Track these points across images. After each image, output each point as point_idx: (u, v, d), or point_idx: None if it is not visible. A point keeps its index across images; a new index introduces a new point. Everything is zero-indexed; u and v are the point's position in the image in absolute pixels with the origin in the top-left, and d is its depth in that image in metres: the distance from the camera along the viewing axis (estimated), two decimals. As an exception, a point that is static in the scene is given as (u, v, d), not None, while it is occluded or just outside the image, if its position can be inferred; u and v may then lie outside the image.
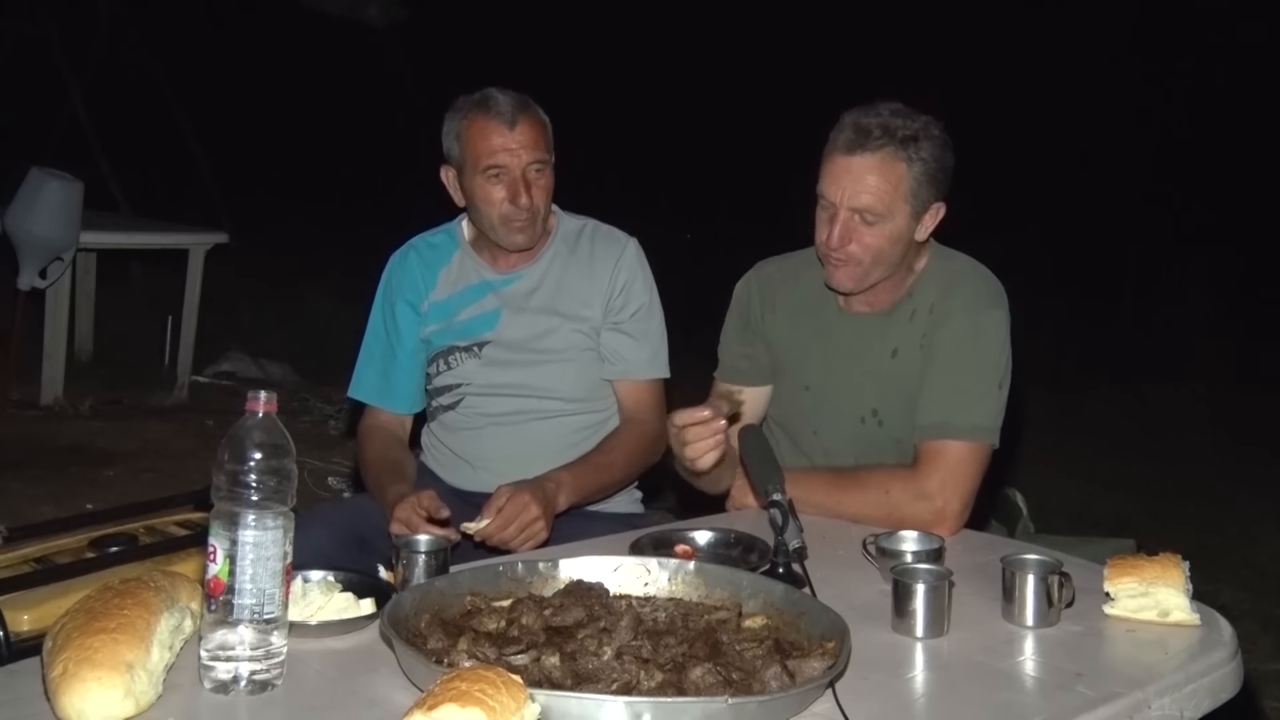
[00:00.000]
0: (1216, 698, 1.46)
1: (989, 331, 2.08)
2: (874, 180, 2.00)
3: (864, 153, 2.00)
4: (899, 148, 2.00)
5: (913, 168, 2.01)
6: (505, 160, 2.24)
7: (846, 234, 2.03)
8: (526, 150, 2.24)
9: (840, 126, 2.04)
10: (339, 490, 4.62)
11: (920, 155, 2.01)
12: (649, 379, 2.41)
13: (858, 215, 2.02)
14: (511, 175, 2.25)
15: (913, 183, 2.02)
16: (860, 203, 2.01)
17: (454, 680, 1.08)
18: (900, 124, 2.01)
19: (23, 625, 1.80)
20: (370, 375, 2.45)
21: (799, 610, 1.46)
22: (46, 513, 3.73)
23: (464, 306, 2.40)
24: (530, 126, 2.26)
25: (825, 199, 2.05)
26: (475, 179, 2.27)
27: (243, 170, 9.92)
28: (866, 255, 2.05)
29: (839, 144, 2.02)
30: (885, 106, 2.04)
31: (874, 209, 2.01)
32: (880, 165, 2.00)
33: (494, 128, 2.24)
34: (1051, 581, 1.56)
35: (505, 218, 2.28)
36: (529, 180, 2.26)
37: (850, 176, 2.01)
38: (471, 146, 2.26)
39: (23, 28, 8.25)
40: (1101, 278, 10.68)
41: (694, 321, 2.37)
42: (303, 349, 6.76)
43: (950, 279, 2.13)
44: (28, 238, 5.09)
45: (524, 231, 2.30)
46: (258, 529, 1.27)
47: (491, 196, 2.27)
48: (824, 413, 2.20)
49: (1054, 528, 4.25)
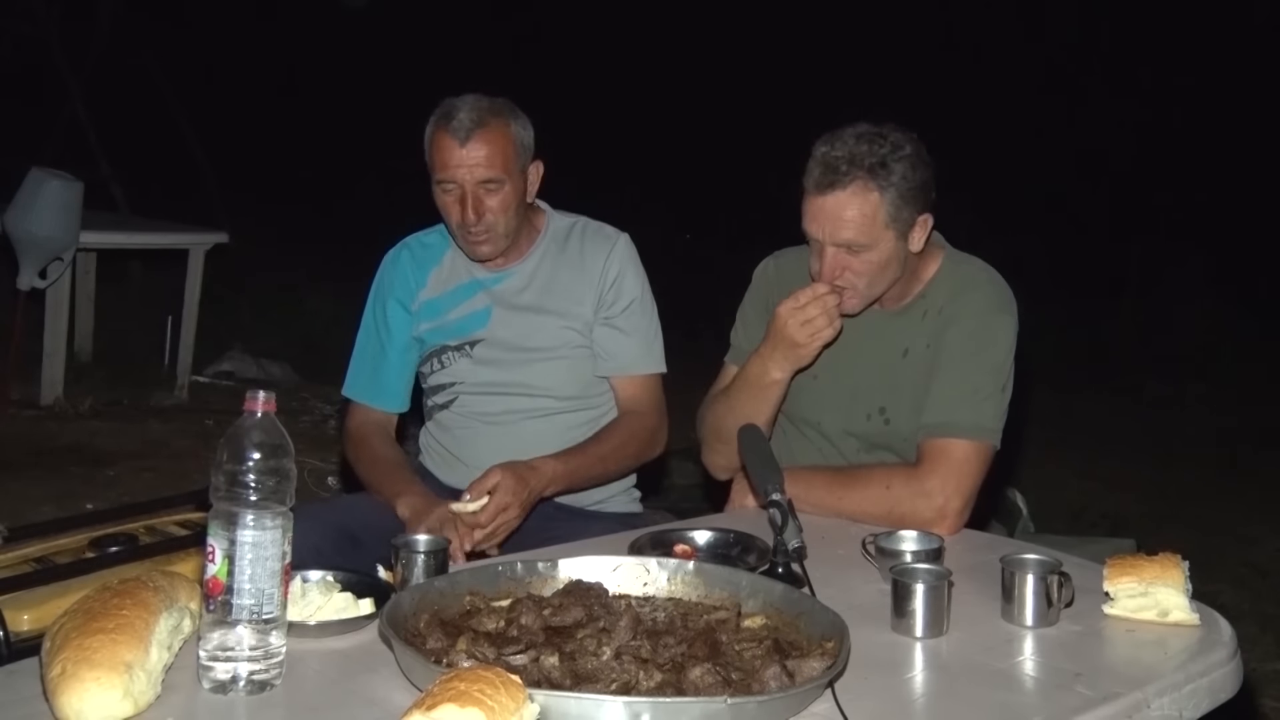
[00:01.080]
0: (1216, 697, 1.46)
1: (996, 335, 2.09)
2: (850, 214, 2.01)
3: (835, 190, 2.00)
4: (869, 177, 2.00)
5: (886, 194, 2.01)
6: (456, 176, 2.23)
7: (837, 266, 2.05)
8: (479, 168, 2.22)
9: (810, 163, 2.04)
10: (338, 490, 4.62)
11: (891, 181, 2.01)
12: (644, 374, 2.40)
13: (843, 249, 2.04)
14: (461, 192, 2.24)
15: (890, 208, 2.02)
16: (842, 238, 2.03)
17: (453, 680, 1.08)
18: (866, 150, 2.00)
19: (23, 625, 1.80)
20: (361, 373, 2.46)
21: (798, 610, 1.46)
22: (46, 513, 3.73)
23: (455, 305, 2.40)
24: (486, 143, 2.22)
25: (809, 235, 2.08)
26: (435, 189, 2.29)
27: (242, 170, 9.92)
28: (861, 280, 2.07)
29: (811, 183, 2.04)
30: (850, 133, 2.04)
31: (857, 241, 2.02)
32: (853, 199, 2.00)
33: (447, 143, 2.22)
34: (1051, 581, 1.56)
35: (460, 230, 2.29)
36: (479, 197, 2.24)
37: (826, 215, 2.02)
38: (431, 158, 2.27)
39: (23, 28, 8.25)
40: (1102, 278, 10.68)
41: (694, 322, 2.37)
42: (302, 349, 6.76)
43: (962, 282, 2.14)
44: (28, 238, 5.08)
45: (481, 244, 2.30)
46: (256, 529, 1.27)
47: (448, 209, 2.28)
48: (831, 405, 2.21)
49: (1053, 527, 4.25)
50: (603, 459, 2.31)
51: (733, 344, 2.35)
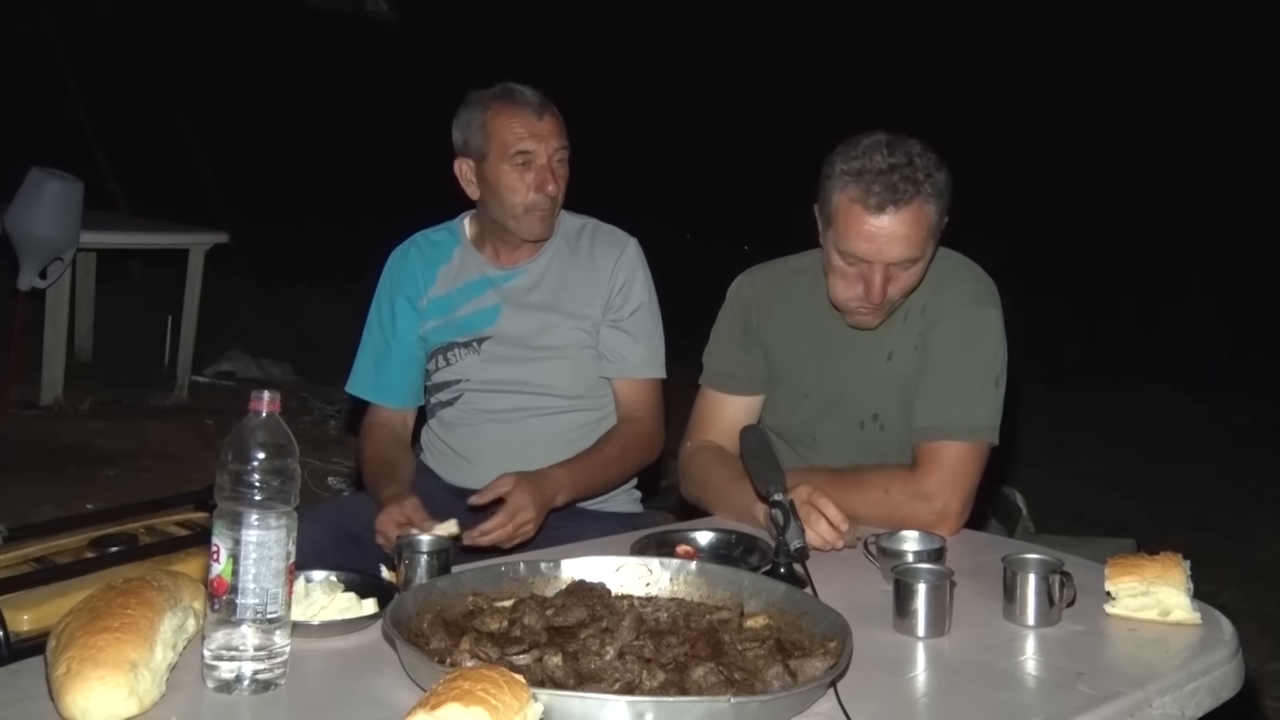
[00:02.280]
0: (1217, 696, 1.47)
1: (983, 329, 2.08)
2: (909, 231, 1.96)
3: (895, 208, 1.94)
4: (919, 192, 1.96)
5: (936, 206, 1.99)
6: (534, 146, 2.26)
7: (886, 284, 2.00)
8: (555, 137, 2.28)
9: (850, 178, 1.96)
10: (339, 490, 4.62)
11: (936, 190, 1.98)
12: (646, 378, 2.41)
13: (894, 266, 2.00)
14: (539, 162, 2.27)
15: (936, 219, 2.00)
16: (898, 256, 1.98)
17: (457, 680, 1.08)
18: (918, 165, 1.96)
19: (23, 625, 1.81)
20: (366, 370, 2.47)
21: (800, 610, 1.46)
22: (46, 513, 3.73)
23: (464, 302, 2.40)
24: (554, 117, 2.31)
25: (855, 257, 1.99)
26: (501, 167, 2.28)
27: (242, 170, 9.92)
28: (898, 294, 2.04)
29: (862, 203, 1.95)
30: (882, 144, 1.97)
31: (911, 257, 1.99)
32: (911, 217, 1.96)
33: (522, 116, 2.27)
34: (1052, 581, 1.57)
35: (530, 206, 2.30)
36: (553, 169, 2.29)
37: (885, 234, 1.96)
38: (498, 134, 2.27)
39: (23, 28, 8.25)
40: (1101, 277, 10.68)
41: (693, 323, 2.36)
42: (303, 349, 6.76)
43: (941, 278, 2.12)
44: (28, 238, 5.08)
45: (545, 221, 2.33)
46: (261, 528, 1.27)
47: (517, 184, 2.28)
48: (825, 419, 2.19)
49: (1054, 528, 4.25)
50: (606, 466, 2.33)
51: (706, 367, 2.30)
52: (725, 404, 2.26)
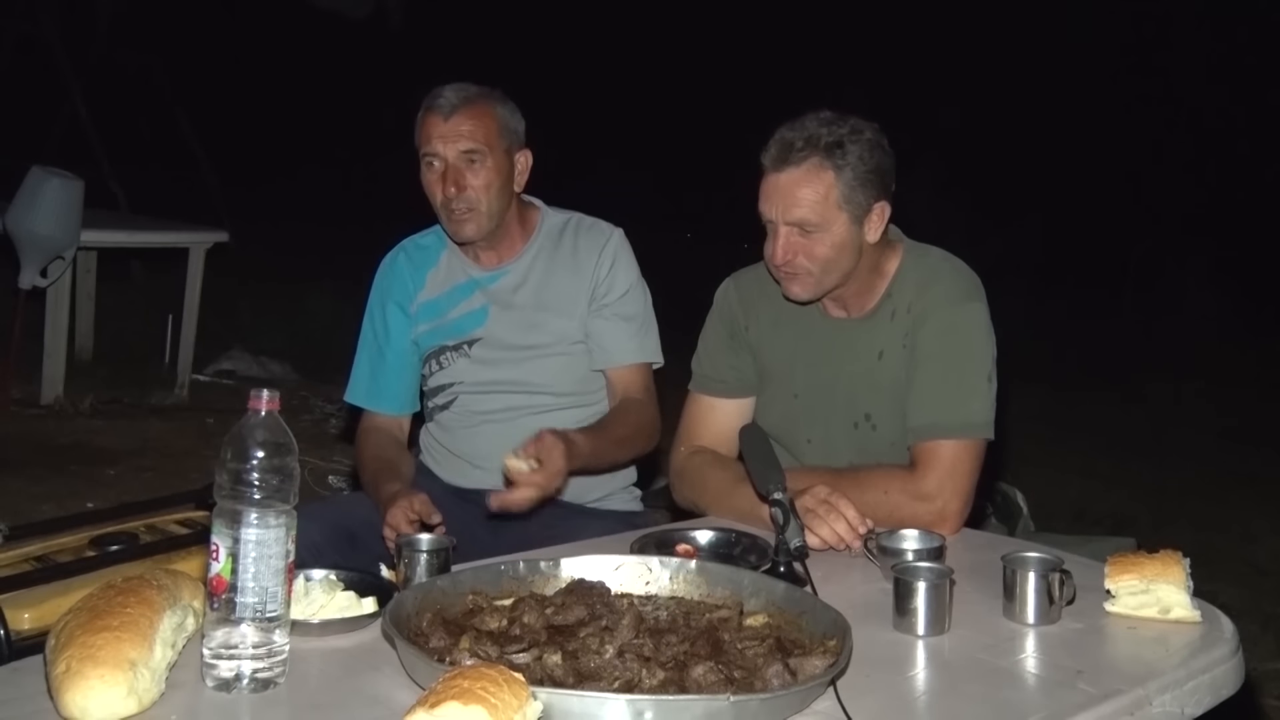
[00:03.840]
0: (1217, 694, 1.47)
1: (970, 325, 2.07)
2: (804, 192, 2.00)
3: (790, 166, 2.00)
4: (824, 156, 2.00)
5: (841, 174, 2.00)
6: (437, 148, 2.25)
7: (790, 248, 2.04)
8: (463, 139, 2.25)
9: (769, 144, 2.04)
10: (339, 489, 4.62)
11: (847, 160, 2.00)
12: (639, 363, 2.40)
13: (796, 229, 2.03)
14: (443, 164, 2.26)
15: (844, 189, 2.01)
16: (794, 216, 2.01)
17: (456, 678, 1.08)
18: (824, 132, 2.01)
19: (23, 624, 1.81)
20: (362, 378, 2.47)
21: (800, 609, 1.46)
22: (47, 511, 3.73)
23: (453, 306, 2.41)
24: (469, 117, 2.26)
25: (764, 217, 2.06)
26: (422, 170, 2.30)
27: (243, 168, 9.93)
28: (814, 265, 2.05)
29: (767, 161, 2.03)
30: (812, 117, 2.04)
31: (809, 220, 2.01)
32: (807, 176, 2.00)
33: (431, 119, 2.26)
34: (1052, 579, 1.57)
35: (443, 207, 2.30)
36: (460, 169, 2.26)
37: (780, 192, 2.02)
38: (418, 137, 2.30)
39: (23, 27, 8.25)
40: (1102, 274, 10.68)
41: (693, 323, 2.36)
42: (303, 347, 6.76)
43: (925, 275, 2.12)
44: (28, 237, 5.08)
45: (465, 223, 2.30)
46: (260, 527, 1.27)
47: (432, 187, 2.29)
48: (816, 420, 2.19)
49: (1054, 526, 4.25)
50: (619, 442, 2.30)
51: (695, 371, 2.30)
52: (716, 408, 2.25)
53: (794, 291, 2.09)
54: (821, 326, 2.17)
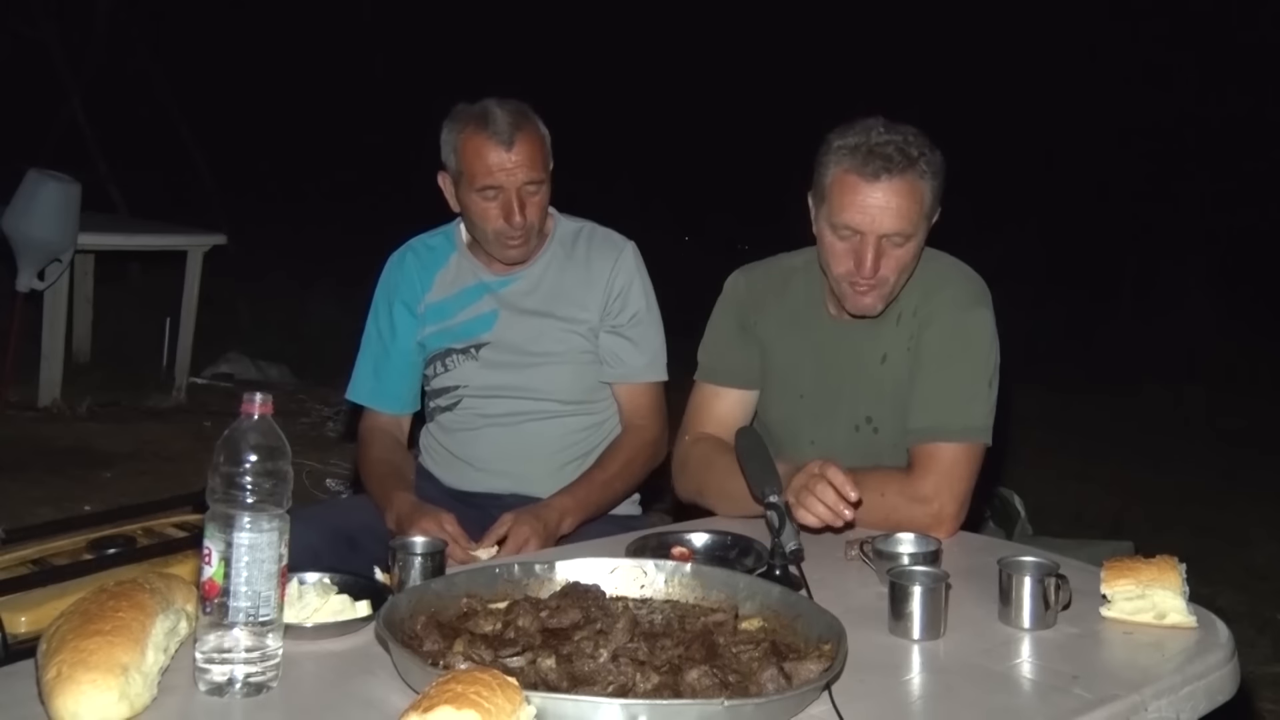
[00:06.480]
0: (1213, 700, 1.46)
1: (976, 331, 2.08)
2: (903, 204, 1.98)
3: (889, 177, 1.97)
4: (914, 165, 1.98)
5: (930, 184, 2.00)
6: (501, 180, 2.23)
7: (885, 261, 2.01)
8: (522, 170, 2.23)
9: (845, 152, 1.99)
10: (337, 492, 4.62)
11: (931, 169, 2.00)
12: (647, 382, 2.41)
13: (889, 240, 2.00)
14: (506, 195, 2.24)
15: (930, 198, 2.01)
16: (891, 228, 1.99)
17: (449, 682, 1.08)
18: (913, 140, 2.00)
19: (20, 627, 1.81)
20: (365, 376, 2.46)
21: (795, 612, 1.46)
22: (44, 514, 3.73)
23: (461, 309, 2.40)
24: (527, 144, 2.24)
25: (849, 229, 2.01)
26: (471, 195, 2.27)
27: (241, 172, 9.93)
28: (897, 275, 2.04)
29: (857, 172, 1.98)
30: (882, 124, 2.02)
31: (904, 231, 1.99)
32: (906, 188, 1.98)
33: (490, 147, 2.22)
34: (1048, 584, 1.56)
35: (499, 234, 2.28)
36: (523, 199, 2.25)
37: (877, 204, 1.98)
38: (468, 163, 2.25)
39: (22, 29, 8.25)
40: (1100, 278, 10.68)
41: (692, 325, 2.36)
42: (301, 351, 6.76)
43: (933, 280, 2.12)
44: (26, 239, 5.08)
45: (518, 248, 2.31)
46: (253, 531, 1.27)
47: (487, 214, 2.27)
48: (819, 421, 2.19)
49: (1051, 530, 4.25)
50: (609, 483, 2.32)
51: (702, 362, 2.29)
52: (722, 397, 2.25)
53: (866, 304, 2.06)
54: (828, 328, 2.17)
